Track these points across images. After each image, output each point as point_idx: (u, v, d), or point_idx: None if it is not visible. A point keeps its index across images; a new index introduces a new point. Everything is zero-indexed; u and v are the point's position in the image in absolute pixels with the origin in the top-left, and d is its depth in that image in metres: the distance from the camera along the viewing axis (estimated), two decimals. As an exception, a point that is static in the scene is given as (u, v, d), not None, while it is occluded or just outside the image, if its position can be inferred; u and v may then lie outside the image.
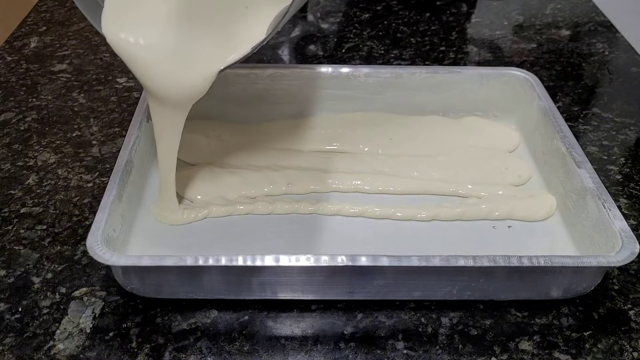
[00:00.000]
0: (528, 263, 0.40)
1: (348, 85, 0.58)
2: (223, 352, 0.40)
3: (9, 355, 0.39)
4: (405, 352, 0.40)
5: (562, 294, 0.43)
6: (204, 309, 0.42)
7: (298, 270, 0.40)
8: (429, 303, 0.43)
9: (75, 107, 0.61)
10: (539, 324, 0.42)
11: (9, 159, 0.54)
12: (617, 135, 0.60)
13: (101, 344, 0.40)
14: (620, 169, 0.55)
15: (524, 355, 0.40)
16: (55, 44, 0.72)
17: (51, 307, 0.42)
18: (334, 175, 0.52)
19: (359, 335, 0.41)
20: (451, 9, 0.83)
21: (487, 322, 0.42)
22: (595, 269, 0.41)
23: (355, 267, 0.39)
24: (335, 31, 0.77)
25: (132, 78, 0.66)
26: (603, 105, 0.64)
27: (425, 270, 0.40)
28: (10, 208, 0.49)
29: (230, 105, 0.58)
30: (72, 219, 0.49)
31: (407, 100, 0.58)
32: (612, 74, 0.69)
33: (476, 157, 0.55)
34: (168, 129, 0.45)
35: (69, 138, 0.57)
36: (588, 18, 0.81)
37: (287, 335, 0.41)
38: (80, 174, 0.53)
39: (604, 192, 0.45)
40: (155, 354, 0.39)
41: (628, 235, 0.41)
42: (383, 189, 0.52)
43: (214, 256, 0.39)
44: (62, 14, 0.77)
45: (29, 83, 0.65)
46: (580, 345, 0.41)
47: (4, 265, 0.45)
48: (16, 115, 0.60)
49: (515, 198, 0.50)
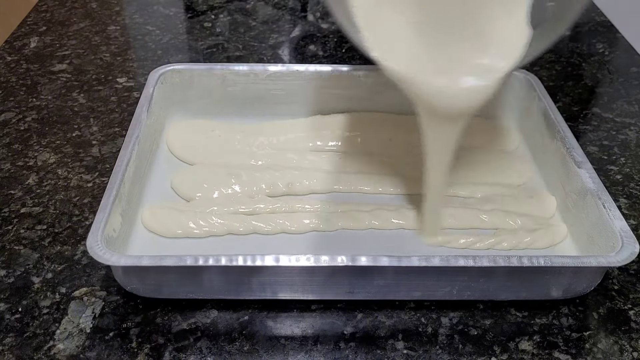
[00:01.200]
0: (528, 263, 0.39)
1: (348, 85, 0.58)
2: (223, 352, 0.40)
3: (9, 355, 0.39)
4: (405, 352, 0.40)
5: (562, 294, 0.43)
6: (204, 309, 0.42)
7: (298, 270, 0.40)
8: (429, 303, 0.43)
9: (75, 107, 0.61)
10: (539, 324, 0.42)
11: (9, 159, 0.54)
12: (617, 135, 0.60)
13: (101, 344, 0.40)
14: (620, 169, 0.55)
15: (524, 355, 0.40)
16: (55, 44, 0.72)
17: (51, 307, 0.42)
18: (334, 175, 0.52)
19: (359, 335, 0.41)
20: (451, 9, 0.83)
21: (487, 322, 0.42)
22: (595, 269, 0.41)
23: (355, 267, 0.39)
24: (335, 31, 0.77)
25: (132, 78, 0.66)
26: (603, 105, 0.64)
27: (425, 270, 0.40)
28: (10, 208, 0.49)
29: (230, 105, 0.58)
30: (72, 219, 0.49)
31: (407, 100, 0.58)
32: (612, 74, 0.69)
33: (476, 157, 0.55)
34: (442, 145, 0.44)
35: (69, 138, 0.57)
36: (588, 18, 0.81)
37: (287, 335, 0.41)
38: (80, 174, 0.53)
39: (604, 192, 0.45)
40: (155, 354, 0.39)
41: (628, 235, 0.41)
42: (383, 190, 0.51)
43: (214, 256, 0.39)
44: (62, 14, 0.77)
45: (29, 83, 0.65)
46: (580, 345, 0.41)
47: (4, 265, 0.45)
48: (16, 115, 0.60)
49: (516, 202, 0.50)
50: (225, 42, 0.74)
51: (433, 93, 0.41)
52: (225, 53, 0.72)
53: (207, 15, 0.80)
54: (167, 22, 0.77)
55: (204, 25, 0.77)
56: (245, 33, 0.76)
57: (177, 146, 0.55)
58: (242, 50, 0.72)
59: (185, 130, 0.57)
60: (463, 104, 0.41)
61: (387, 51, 0.41)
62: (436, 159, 0.44)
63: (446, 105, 0.41)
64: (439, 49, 0.41)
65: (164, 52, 0.71)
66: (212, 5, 0.82)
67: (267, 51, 0.72)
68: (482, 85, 0.41)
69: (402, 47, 0.41)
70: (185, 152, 0.54)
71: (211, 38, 0.75)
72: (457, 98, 0.41)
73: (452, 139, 0.43)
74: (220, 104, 0.58)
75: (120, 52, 0.70)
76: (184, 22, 0.78)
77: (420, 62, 0.41)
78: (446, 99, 0.41)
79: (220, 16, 0.80)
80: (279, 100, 0.58)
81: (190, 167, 0.53)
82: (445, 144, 0.44)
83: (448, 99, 0.41)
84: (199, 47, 0.73)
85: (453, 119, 0.42)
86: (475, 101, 0.41)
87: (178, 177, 0.52)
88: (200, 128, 0.57)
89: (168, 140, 0.55)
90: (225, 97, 0.58)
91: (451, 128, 0.43)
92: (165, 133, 0.56)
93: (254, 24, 0.78)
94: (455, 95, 0.41)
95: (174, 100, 0.57)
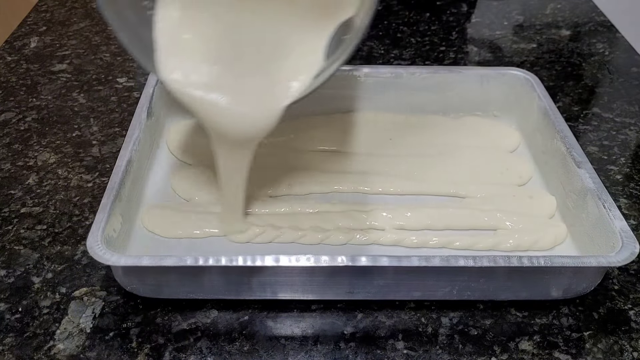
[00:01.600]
0: (528, 263, 0.39)
1: (348, 85, 0.58)
2: (223, 352, 0.40)
3: (9, 355, 0.39)
4: (405, 352, 0.40)
5: (562, 294, 0.43)
6: (204, 309, 0.42)
7: (298, 270, 0.40)
8: (429, 303, 0.43)
9: (75, 107, 0.61)
10: (539, 324, 0.42)
11: (9, 159, 0.54)
12: (617, 135, 0.60)
13: (101, 344, 0.40)
14: (620, 169, 0.55)
15: (524, 355, 0.40)
16: (55, 44, 0.72)
17: (51, 307, 0.42)
18: (334, 175, 0.52)
19: (359, 335, 0.41)
20: (451, 9, 0.83)
21: (487, 322, 0.42)
22: (595, 269, 0.41)
23: (355, 267, 0.39)
24: (335, 31, 0.77)
25: (132, 78, 0.66)
26: (603, 105, 0.64)
27: (425, 270, 0.40)
28: (10, 208, 0.49)
29: (230, 105, 0.58)
30: (72, 219, 0.49)
31: (407, 100, 0.58)
32: (612, 74, 0.69)
33: (476, 157, 0.55)
34: (234, 168, 0.44)
35: (69, 138, 0.57)
36: (588, 18, 0.81)
37: (287, 335, 0.41)
38: (80, 174, 0.53)
39: (604, 192, 0.45)
40: (155, 354, 0.39)
41: (628, 235, 0.41)
42: (383, 190, 0.51)
43: (214, 256, 0.39)
44: (62, 14, 0.77)
45: (29, 83, 0.65)
46: (580, 345, 0.41)
47: (4, 265, 0.45)
48: (16, 115, 0.60)
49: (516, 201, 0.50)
50: (225, 42, 0.74)
51: (217, 115, 0.41)
52: (225, 53, 0.72)
53: (207, 15, 0.80)
54: (167, 22, 0.77)
55: (204, 25, 0.77)
56: (245, 33, 0.76)
57: (177, 146, 0.55)
58: (242, 50, 0.72)
59: (185, 130, 0.56)
60: (245, 129, 0.42)
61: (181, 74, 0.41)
62: (229, 177, 0.45)
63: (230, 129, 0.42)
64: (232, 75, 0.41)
65: (164, 52, 0.71)
66: (212, 5, 0.82)
67: (267, 51, 0.72)
68: (263, 115, 0.41)
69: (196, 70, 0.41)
70: (185, 152, 0.54)
71: (211, 38, 0.74)
72: (240, 123, 0.41)
73: (244, 162, 0.44)
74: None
75: (120, 52, 0.70)
76: (184, 22, 0.78)
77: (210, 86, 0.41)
78: (229, 123, 0.41)
79: (220, 16, 0.79)
80: (278, 100, 0.58)
81: (190, 167, 0.53)
82: (235, 165, 0.44)
83: (231, 122, 0.41)
84: (199, 47, 0.73)
85: (239, 144, 0.43)
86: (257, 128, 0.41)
87: (178, 177, 0.52)
88: (200, 128, 0.56)
89: (168, 140, 0.55)
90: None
91: (240, 152, 0.43)
92: (165, 133, 0.56)
93: (254, 24, 0.78)
94: (237, 120, 0.41)
95: (174, 101, 0.57)
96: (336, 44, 0.41)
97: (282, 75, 0.41)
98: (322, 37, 0.41)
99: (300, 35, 0.42)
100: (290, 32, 0.42)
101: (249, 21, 0.42)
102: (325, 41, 0.41)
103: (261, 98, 0.41)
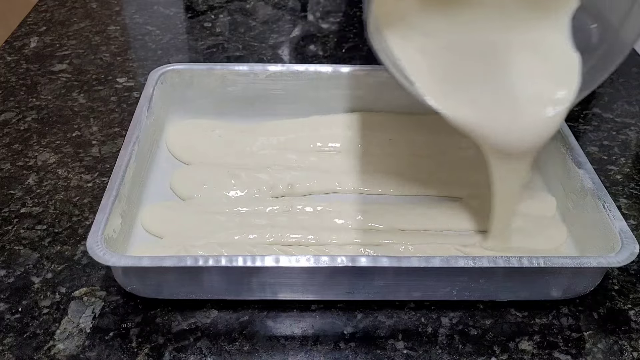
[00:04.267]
0: (528, 263, 0.39)
1: (348, 85, 0.58)
2: (223, 352, 0.40)
3: (9, 355, 0.39)
4: (405, 352, 0.40)
5: (562, 294, 0.43)
6: (204, 309, 0.42)
7: (298, 270, 0.40)
8: (429, 303, 0.43)
9: (75, 107, 0.61)
10: (539, 324, 0.42)
11: (9, 159, 0.54)
12: (617, 135, 0.60)
13: (101, 344, 0.40)
14: (620, 169, 0.55)
15: (524, 355, 0.40)
16: (55, 44, 0.72)
17: (51, 307, 0.42)
18: (334, 175, 0.52)
19: (359, 335, 0.41)
20: (451, 8, 0.83)
21: (487, 322, 0.42)
22: (595, 269, 0.41)
23: (355, 267, 0.39)
24: (335, 31, 0.77)
25: (132, 78, 0.66)
26: (603, 105, 0.64)
27: (425, 270, 0.40)
28: (10, 208, 0.49)
29: (230, 105, 0.58)
30: (72, 219, 0.49)
31: (407, 100, 0.58)
32: (612, 74, 0.69)
33: (476, 157, 0.54)
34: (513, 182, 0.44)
35: (69, 138, 0.57)
36: (588, 18, 0.81)
37: (287, 335, 0.41)
38: (80, 174, 0.53)
39: (604, 192, 0.45)
40: (155, 354, 0.39)
41: (628, 235, 0.41)
42: (383, 190, 0.51)
43: (214, 257, 0.39)
44: (62, 14, 0.77)
45: (29, 83, 0.65)
46: (580, 345, 0.41)
47: (4, 265, 0.45)
48: (16, 115, 0.60)
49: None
50: (225, 42, 0.74)
51: (499, 132, 0.41)
52: (225, 53, 0.72)
53: (207, 15, 0.80)
54: (167, 22, 0.77)
55: (204, 25, 0.77)
56: (245, 33, 0.76)
57: (177, 146, 0.55)
58: (242, 50, 0.72)
59: (185, 130, 0.57)
60: (531, 138, 0.41)
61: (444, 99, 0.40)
62: (505, 193, 0.44)
63: (514, 142, 0.41)
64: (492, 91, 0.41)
65: (164, 52, 0.71)
66: (212, 5, 0.82)
67: (267, 51, 0.72)
68: (548, 117, 0.40)
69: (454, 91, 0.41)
70: (185, 152, 0.54)
71: (211, 38, 0.75)
72: (524, 134, 0.41)
73: (521, 174, 0.43)
74: (220, 104, 0.58)
75: (120, 52, 0.70)
76: (184, 22, 0.78)
77: (477, 103, 0.40)
78: (514, 137, 0.41)
79: (220, 16, 0.80)
80: (279, 100, 0.58)
81: (190, 167, 0.53)
82: (514, 180, 0.43)
83: (516, 136, 0.41)
84: (199, 47, 0.73)
85: (522, 156, 0.42)
86: (543, 134, 0.41)
87: (177, 177, 0.52)
88: (200, 128, 0.57)
89: (168, 140, 0.55)
90: (225, 97, 0.58)
91: (520, 164, 0.43)
92: (165, 133, 0.56)
93: (254, 24, 0.78)
94: (522, 131, 0.41)
95: (174, 100, 0.57)
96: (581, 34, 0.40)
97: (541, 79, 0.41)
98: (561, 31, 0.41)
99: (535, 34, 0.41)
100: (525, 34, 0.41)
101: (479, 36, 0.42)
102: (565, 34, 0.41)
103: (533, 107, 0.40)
